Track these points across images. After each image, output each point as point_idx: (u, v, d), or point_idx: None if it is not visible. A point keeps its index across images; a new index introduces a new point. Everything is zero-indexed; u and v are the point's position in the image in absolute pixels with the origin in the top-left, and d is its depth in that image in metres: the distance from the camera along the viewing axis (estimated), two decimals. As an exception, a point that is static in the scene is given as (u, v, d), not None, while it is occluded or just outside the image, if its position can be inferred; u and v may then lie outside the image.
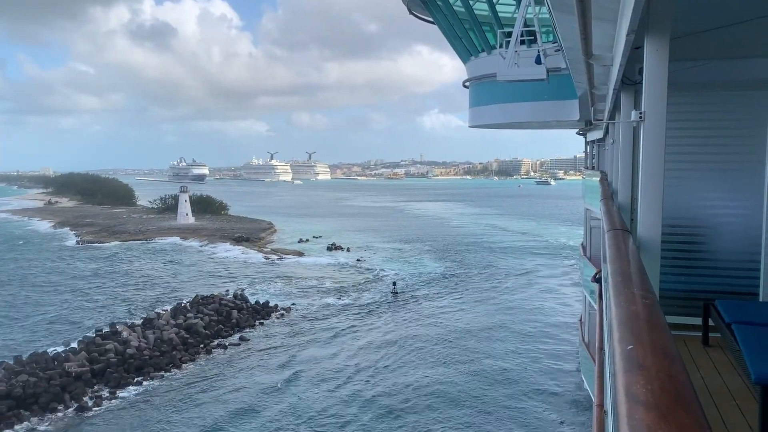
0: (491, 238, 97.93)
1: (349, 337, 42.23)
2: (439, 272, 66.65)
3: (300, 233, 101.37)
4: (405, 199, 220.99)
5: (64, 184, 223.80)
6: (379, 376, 34.38)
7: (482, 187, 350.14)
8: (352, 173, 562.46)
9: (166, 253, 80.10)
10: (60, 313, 47.93)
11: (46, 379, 31.77)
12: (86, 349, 35.86)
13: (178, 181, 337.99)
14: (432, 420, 28.25)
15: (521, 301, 51.94)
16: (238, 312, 46.53)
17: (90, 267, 68.79)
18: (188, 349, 38.68)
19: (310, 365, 36.45)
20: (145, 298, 53.41)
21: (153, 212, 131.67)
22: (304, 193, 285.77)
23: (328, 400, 31.11)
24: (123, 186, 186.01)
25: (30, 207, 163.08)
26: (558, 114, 28.81)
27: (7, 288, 57.35)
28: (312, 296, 54.88)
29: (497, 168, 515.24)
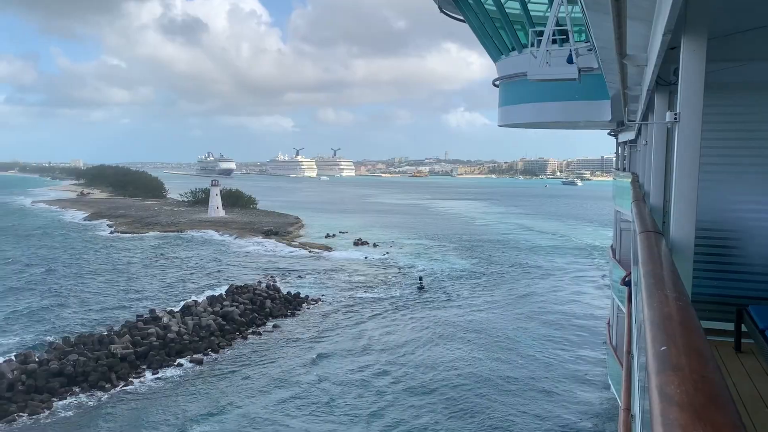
0: (517, 237, 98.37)
1: (376, 328, 43.46)
2: (464, 269, 67.55)
3: (327, 228, 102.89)
4: (430, 197, 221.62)
5: (95, 176, 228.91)
6: (404, 366, 35.54)
7: (507, 186, 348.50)
8: (377, 170, 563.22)
9: (199, 244, 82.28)
10: (101, 299, 49.97)
11: (94, 359, 33.58)
12: (129, 333, 37.65)
13: (206, 175, 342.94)
14: (454, 409, 29.33)
15: (547, 300, 52.59)
16: (271, 301, 48.09)
17: (126, 257, 71.12)
18: (225, 335, 40.32)
19: (339, 353, 37.82)
20: (182, 286, 55.36)
21: (183, 205, 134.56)
22: (329, 189, 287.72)
23: (356, 385, 32.50)
24: (153, 179, 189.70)
25: (64, 198, 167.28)
26: (589, 114, 28.97)
27: (50, 275, 59.79)
28: (340, 289, 56.26)
29: (523, 167, 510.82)
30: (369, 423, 27.75)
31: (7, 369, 31.12)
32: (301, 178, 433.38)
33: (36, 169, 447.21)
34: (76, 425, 27.30)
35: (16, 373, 31.17)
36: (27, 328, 40.94)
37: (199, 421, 27.73)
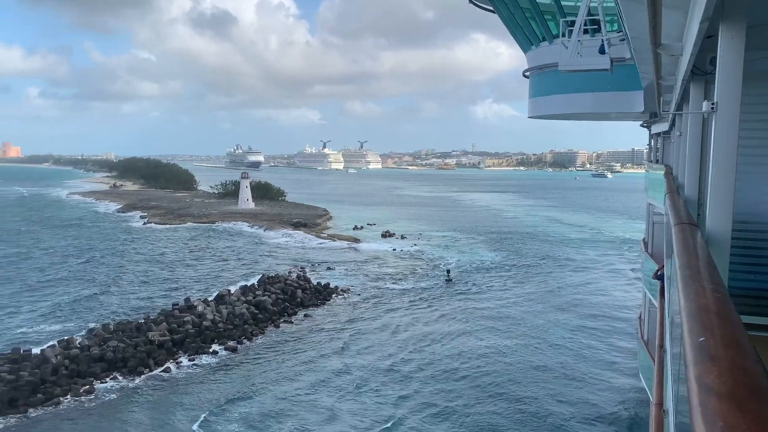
0: (546, 230, 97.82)
1: (404, 319, 43.91)
2: (493, 261, 67.56)
3: (354, 220, 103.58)
4: (457, 190, 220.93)
5: (127, 168, 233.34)
6: (431, 354, 36.05)
7: (536, 178, 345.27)
8: (403, 163, 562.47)
9: (230, 235, 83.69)
10: (137, 288, 51.37)
11: (132, 345, 34.69)
12: (166, 321, 38.74)
13: (235, 168, 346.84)
14: (483, 395, 29.65)
15: (577, 293, 52.38)
16: (301, 291, 48.88)
17: (159, 247, 72.74)
18: (258, 324, 41.21)
19: (367, 341, 38.43)
20: (214, 276, 56.54)
21: (214, 197, 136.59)
22: (356, 181, 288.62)
23: (384, 372, 33.15)
24: (183, 171, 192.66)
25: (97, 190, 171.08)
26: (621, 105, 28.66)
27: (88, 264, 61.57)
28: (369, 280, 56.82)
29: (552, 159, 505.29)
30: (397, 406, 28.26)
31: (51, 354, 32.35)
32: (328, 171, 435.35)
33: (69, 162, 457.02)
34: (117, 408, 28.35)
35: (60, 357, 32.38)
36: (68, 315, 42.39)
37: (234, 404, 28.55)
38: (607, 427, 26.61)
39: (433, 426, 26.78)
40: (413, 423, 27.01)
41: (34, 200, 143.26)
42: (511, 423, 27.01)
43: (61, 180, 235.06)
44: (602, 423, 26.99)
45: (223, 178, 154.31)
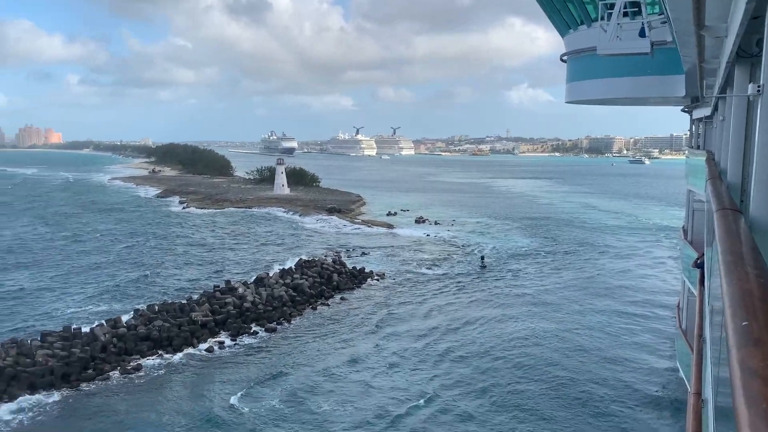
0: (582, 216, 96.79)
1: (438, 303, 44.37)
2: (528, 248, 67.35)
3: (388, 206, 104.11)
4: (491, 176, 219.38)
5: (165, 154, 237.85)
6: (466, 336, 36.57)
7: (572, 164, 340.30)
8: (436, 149, 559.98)
9: (266, 220, 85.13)
10: (178, 270, 52.88)
11: (176, 325, 35.96)
12: (208, 302, 39.95)
13: (269, 154, 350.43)
14: (515, 379, 29.95)
15: (613, 281, 51.98)
16: (337, 275, 49.68)
17: (198, 231, 74.50)
18: (296, 306, 42.18)
19: (402, 324, 39.04)
20: (252, 260, 57.82)
21: (250, 183, 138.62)
22: (389, 167, 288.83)
23: (419, 353, 33.79)
24: (220, 157, 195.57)
25: (137, 175, 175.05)
26: (661, 90, 28.20)
27: (131, 247, 63.55)
28: (403, 265, 57.33)
29: (588, 145, 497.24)
30: (430, 384, 28.82)
31: (100, 332, 33.77)
32: (360, 157, 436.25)
33: (108, 148, 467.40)
34: (162, 383, 29.55)
35: (108, 336, 33.77)
36: (114, 296, 44.01)
37: (273, 381, 29.52)
38: (645, 409, 26.70)
39: (466, 403, 27.37)
40: (446, 400, 27.66)
41: (78, 185, 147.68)
42: (547, 402, 27.36)
43: (102, 165, 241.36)
44: (640, 405, 27.11)
45: (258, 164, 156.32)
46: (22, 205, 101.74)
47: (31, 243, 65.05)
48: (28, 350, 31.19)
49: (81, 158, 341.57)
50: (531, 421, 25.70)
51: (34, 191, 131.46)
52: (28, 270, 51.79)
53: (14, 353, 30.74)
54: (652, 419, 25.87)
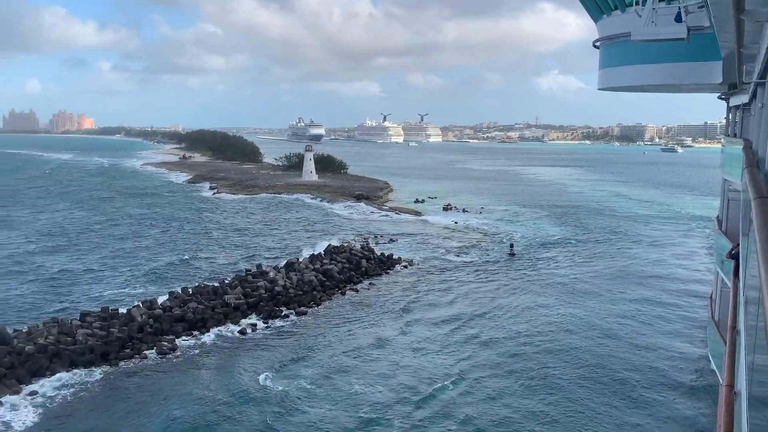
0: (613, 205, 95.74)
1: (466, 290, 44.51)
2: (558, 236, 66.95)
3: (415, 193, 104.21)
4: (519, 163, 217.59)
5: (195, 141, 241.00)
6: (494, 322, 36.77)
7: (602, 152, 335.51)
8: (464, 136, 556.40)
9: (295, 206, 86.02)
10: (210, 254, 53.92)
11: (210, 307, 36.83)
12: (241, 285, 40.77)
13: (297, 141, 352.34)
14: (543, 362, 30.09)
15: (644, 270, 51.45)
16: (366, 261, 50.14)
17: (228, 216, 75.69)
18: (326, 291, 42.79)
19: (430, 310, 39.34)
20: (282, 245, 58.66)
21: (279, 169, 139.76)
22: (417, 154, 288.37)
23: (446, 337, 34.18)
24: (249, 143, 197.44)
25: (168, 161, 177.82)
26: (697, 76, 27.66)
27: (164, 232, 64.93)
28: (431, 252, 57.54)
29: (619, 133, 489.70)
30: (457, 367, 29.11)
31: (137, 313, 34.78)
32: (388, 144, 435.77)
33: (140, 134, 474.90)
34: (196, 362, 30.40)
35: (144, 317, 34.76)
36: (149, 279, 45.16)
37: (303, 362, 30.13)
38: (675, 398, 26.65)
39: (495, 384, 27.79)
40: (475, 381, 28.12)
41: (112, 170, 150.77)
42: (577, 386, 27.53)
43: (134, 151, 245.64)
44: (671, 394, 27.06)
45: (286, 150, 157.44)
46: (59, 190, 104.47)
47: (68, 227, 66.89)
48: (69, 329, 32.31)
49: (113, 144, 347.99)
50: (560, 404, 25.94)
51: (70, 176, 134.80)
52: (67, 253, 53.36)
53: (56, 332, 31.89)
54: (683, 408, 25.80)
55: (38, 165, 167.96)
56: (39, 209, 79.84)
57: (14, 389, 27.02)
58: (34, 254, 52.39)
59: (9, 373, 27.98)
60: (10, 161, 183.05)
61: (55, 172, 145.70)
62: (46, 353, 29.70)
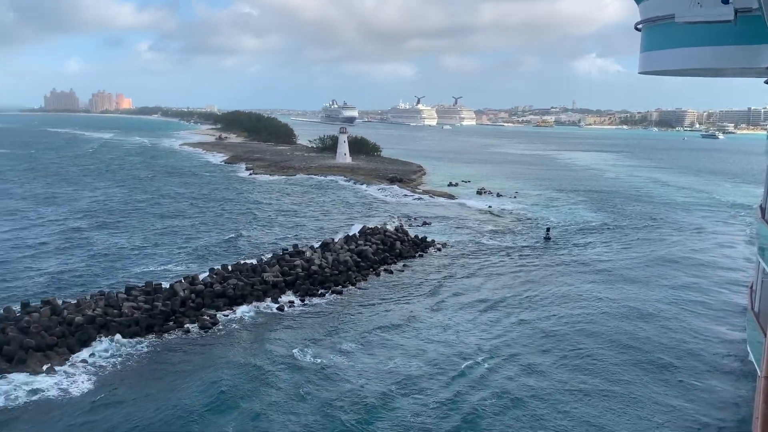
0: (650, 192, 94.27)
1: (501, 273, 44.66)
2: (594, 222, 66.37)
3: (449, 177, 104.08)
4: (555, 148, 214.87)
5: (231, 121, 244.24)
6: (527, 306, 36.85)
7: (640, 138, 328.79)
8: (499, 119, 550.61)
9: (330, 188, 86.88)
10: (248, 233, 55.04)
11: (249, 284, 37.80)
12: (278, 264, 41.69)
13: (330, 123, 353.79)
14: (578, 343, 30.23)
15: (683, 258, 50.77)
16: (400, 243, 50.60)
17: (264, 197, 76.91)
18: (360, 271, 43.42)
19: (464, 292, 39.57)
20: (317, 225, 59.50)
21: (313, 151, 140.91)
22: (450, 138, 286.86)
23: (479, 320, 34.49)
24: (283, 125, 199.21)
25: (205, 141, 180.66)
26: (744, 60, 27.07)
27: (203, 211, 66.42)
28: (464, 235, 57.69)
29: (657, 118, 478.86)
30: (490, 346, 29.43)
31: (179, 288, 35.91)
32: (421, 127, 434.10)
33: (176, 114, 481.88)
34: (236, 336, 31.38)
35: (186, 292, 35.87)
36: (190, 256, 46.41)
37: (342, 337, 30.82)
38: (711, 382, 26.61)
39: (530, 359, 28.29)
40: (506, 359, 28.63)
41: (152, 150, 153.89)
42: (612, 364, 27.83)
43: (171, 131, 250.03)
44: (708, 378, 27.06)
45: (319, 132, 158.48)
46: (103, 168, 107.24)
47: (112, 205, 68.86)
48: (115, 302, 33.59)
49: (151, 124, 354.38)
50: (595, 382, 26.35)
51: (112, 155, 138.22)
52: (112, 230, 55.09)
53: (103, 304, 33.19)
54: (721, 393, 25.76)
55: (81, 144, 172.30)
56: (84, 187, 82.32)
57: (65, 357, 28.37)
58: (80, 230, 54.25)
59: (60, 342, 29.35)
60: (54, 140, 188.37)
61: (98, 151, 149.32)
62: (94, 324, 31.00)
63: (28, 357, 27.59)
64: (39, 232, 52.56)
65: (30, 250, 46.03)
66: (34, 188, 79.48)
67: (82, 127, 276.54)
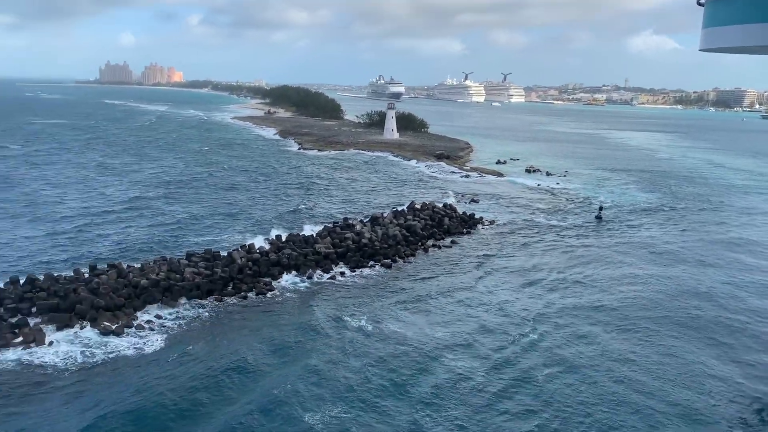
0: (706, 174, 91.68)
1: (551, 252, 44.57)
2: (647, 203, 65.22)
3: (497, 154, 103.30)
4: (606, 127, 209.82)
5: (279, 96, 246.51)
6: (576, 287, 36.79)
7: (696, 118, 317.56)
8: (548, 97, 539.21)
9: (377, 163, 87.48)
10: (299, 206, 56.24)
11: (303, 254, 38.95)
12: (330, 236, 42.70)
13: (376, 98, 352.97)
14: (627, 320, 30.26)
15: (740, 240, 49.74)
16: (448, 219, 50.94)
17: (314, 171, 78.05)
18: (409, 245, 44.09)
19: (511, 269, 39.83)
20: (366, 200, 60.29)
21: (360, 126, 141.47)
22: (498, 115, 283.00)
23: (531, 292, 35.09)
24: (331, 100, 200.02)
25: (254, 115, 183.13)
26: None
27: (258, 185, 68.05)
28: (514, 213, 57.58)
29: (715, 98, 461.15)
30: (539, 323, 29.79)
31: (237, 256, 37.28)
32: (468, 104, 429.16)
33: (226, 88, 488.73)
34: (291, 302, 32.58)
35: (244, 260, 37.23)
36: (245, 226, 47.84)
37: (393, 307, 31.78)
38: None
39: (578, 331, 28.71)
40: (555, 328, 29.34)
41: (207, 123, 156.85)
42: (667, 337, 27.78)
43: (222, 104, 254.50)
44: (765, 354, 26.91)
45: (365, 108, 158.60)
46: (162, 140, 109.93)
47: (172, 176, 71.00)
48: (177, 267, 35.17)
49: (201, 97, 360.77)
50: (647, 353, 26.76)
51: (169, 127, 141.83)
52: (171, 200, 57.06)
53: (165, 269, 34.82)
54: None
55: (138, 116, 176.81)
56: (144, 158, 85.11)
57: (132, 317, 30.04)
58: (141, 199, 56.38)
59: (127, 303, 31.07)
60: (112, 111, 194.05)
61: (156, 123, 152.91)
62: (158, 287, 32.63)
63: (98, 315, 29.39)
64: (104, 201, 54.93)
65: (96, 218, 48.27)
66: (97, 158, 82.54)
67: (137, 100, 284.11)
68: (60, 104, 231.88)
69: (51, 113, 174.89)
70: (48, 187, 60.42)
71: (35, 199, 54.21)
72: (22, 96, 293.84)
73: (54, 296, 30.82)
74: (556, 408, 22.16)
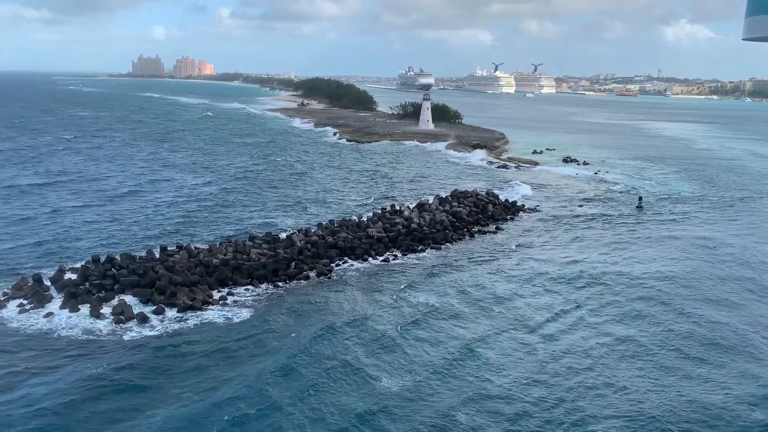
0: (745, 164, 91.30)
1: (593, 240, 45.70)
2: (687, 193, 65.74)
3: (532, 145, 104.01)
4: (641, 118, 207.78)
5: (311, 88, 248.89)
6: (621, 270, 38.13)
7: (732, 108, 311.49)
8: (579, 87, 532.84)
9: (415, 153, 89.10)
10: (347, 192, 58.28)
11: (357, 238, 40.95)
12: (381, 221, 44.62)
13: (406, 90, 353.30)
14: (668, 306, 31.52)
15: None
16: (492, 206, 52.45)
17: (355, 160, 79.99)
18: (456, 231, 45.78)
19: (556, 255, 41.16)
20: (409, 188, 62.03)
21: (393, 117, 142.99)
22: (530, 106, 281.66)
23: (574, 278, 36.48)
24: (363, 92, 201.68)
25: (287, 107, 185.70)
26: None
27: (303, 173, 70.30)
28: (555, 201, 58.75)
29: (752, 88, 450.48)
30: (584, 308, 31.28)
31: (296, 239, 39.47)
32: (498, 95, 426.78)
33: (256, 80, 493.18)
34: (349, 283, 34.60)
35: (303, 242, 39.37)
36: (297, 212, 50.05)
37: (448, 288, 33.60)
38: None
39: (617, 320, 30.03)
40: (594, 315, 30.69)
41: (252, 117, 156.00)
42: (714, 323, 29.07)
43: (253, 97, 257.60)
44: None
45: (395, 99, 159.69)
46: (217, 134, 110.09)
47: (232, 167, 73.73)
48: (243, 248, 37.47)
49: (233, 90, 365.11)
50: (691, 344, 27.80)
51: (220, 120, 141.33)
52: (229, 187, 59.57)
53: (232, 250, 37.13)
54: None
55: (185, 110, 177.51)
56: (203, 152, 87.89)
57: (207, 293, 32.35)
58: (200, 186, 59.06)
59: (201, 281, 33.43)
60: (157, 106, 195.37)
61: (205, 118, 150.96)
62: (228, 266, 34.93)
63: (177, 291, 31.76)
64: (169, 190, 57.64)
65: (163, 205, 50.94)
66: (162, 153, 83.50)
67: (173, 92, 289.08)
68: (104, 97, 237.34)
69: (96, 105, 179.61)
70: (116, 178, 62.79)
71: (103, 188, 57.23)
72: (66, 89, 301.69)
73: (133, 274, 33.35)
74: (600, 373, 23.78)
